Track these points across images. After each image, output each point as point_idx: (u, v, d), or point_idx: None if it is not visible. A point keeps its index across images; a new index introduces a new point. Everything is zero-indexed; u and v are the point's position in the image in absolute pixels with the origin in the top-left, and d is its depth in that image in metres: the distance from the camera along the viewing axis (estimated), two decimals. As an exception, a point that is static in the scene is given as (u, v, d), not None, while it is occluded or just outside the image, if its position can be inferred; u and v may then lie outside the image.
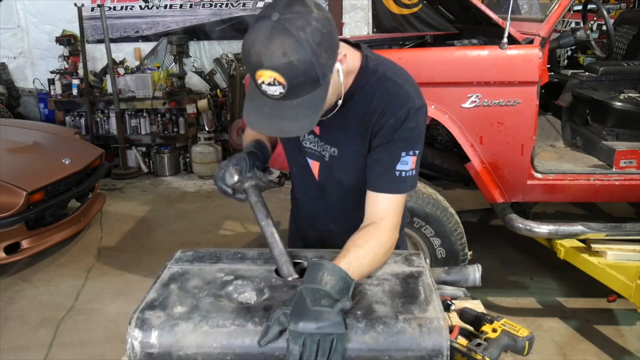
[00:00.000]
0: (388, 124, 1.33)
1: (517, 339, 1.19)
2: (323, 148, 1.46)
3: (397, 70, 1.40)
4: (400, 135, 1.33)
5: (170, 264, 1.34)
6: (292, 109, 1.19)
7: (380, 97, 1.34)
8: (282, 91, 1.15)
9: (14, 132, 4.53)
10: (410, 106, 1.33)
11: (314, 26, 1.13)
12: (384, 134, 1.34)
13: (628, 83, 3.52)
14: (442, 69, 2.83)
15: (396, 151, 1.34)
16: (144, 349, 1.08)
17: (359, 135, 1.39)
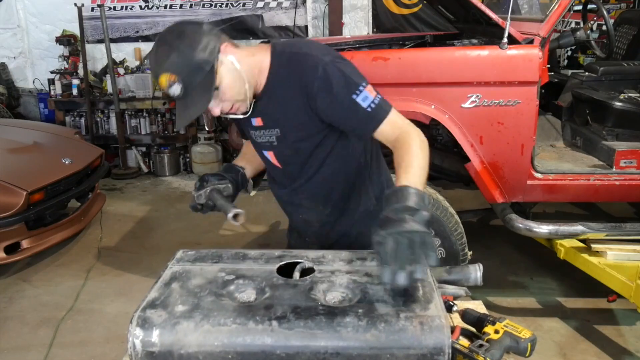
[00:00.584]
0: (317, 89, 1.44)
1: (520, 341, 1.19)
2: (269, 134, 1.59)
3: (300, 45, 1.54)
4: (335, 88, 1.43)
5: (172, 264, 1.35)
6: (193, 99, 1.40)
7: (295, 72, 1.47)
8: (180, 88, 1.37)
9: (14, 132, 4.52)
10: (323, 63, 1.43)
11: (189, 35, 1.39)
12: (323, 99, 1.45)
13: (628, 83, 3.52)
14: (442, 69, 2.83)
15: (350, 98, 1.43)
16: (146, 348, 1.08)
17: (290, 111, 1.52)
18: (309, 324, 1.09)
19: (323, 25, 6.23)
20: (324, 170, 1.63)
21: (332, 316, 1.10)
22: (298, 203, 1.73)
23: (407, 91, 2.83)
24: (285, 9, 6.34)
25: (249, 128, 1.64)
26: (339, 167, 1.63)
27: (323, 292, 1.21)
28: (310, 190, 1.67)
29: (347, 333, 1.07)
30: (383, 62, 2.83)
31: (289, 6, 6.32)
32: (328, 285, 1.23)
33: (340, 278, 1.25)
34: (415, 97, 2.83)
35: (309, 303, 1.15)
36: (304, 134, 1.56)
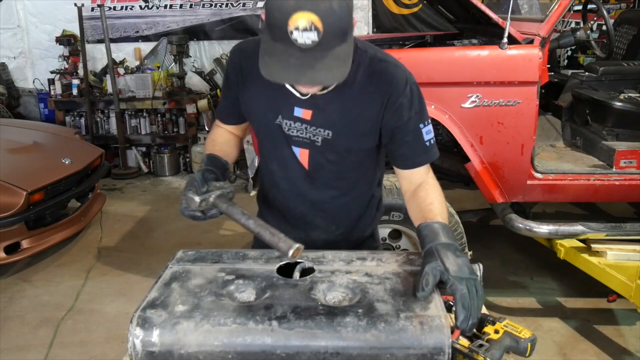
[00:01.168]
0: (399, 105, 1.38)
1: (520, 340, 1.19)
2: (314, 133, 1.43)
3: (383, 52, 1.45)
4: (413, 111, 1.40)
5: (172, 264, 1.35)
6: (323, 59, 1.15)
7: (380, 80, 1.38)
8: (315, 39, 1.12)
9: (14, 132, 4.52)
10: (411, 83, 1.40)
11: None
12: (399, 115, 1.39)
13: (628, 83, 3.52)
14: (442, 69, 2.83)
15: (417, 126, 1.42)
16: (146, 348, 1.08)
17: (360, 117, 1.41)
18: (309, 323, 1.09)
19: (323, 25, 6.22)
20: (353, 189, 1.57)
21: (332, 316, 1.10)
22: (310, 221, 1.58)
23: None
24: (285, 9, 6.33)
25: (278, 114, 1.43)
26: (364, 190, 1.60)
27: (323, 292, 1.21)
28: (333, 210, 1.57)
29: (347, 333, 1.07)
30: (383, 62, 2.82)
31: (289, 6, 6.31)
32: (328, 285, 1.23)
33: (340, 278, 1.26)
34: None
35: (309, 303, 1.15)
36: (358, 144, 1.46)
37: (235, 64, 1.50)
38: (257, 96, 1.47)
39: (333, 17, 1.12)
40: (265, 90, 1.42)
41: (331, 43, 1.15)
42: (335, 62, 1.17)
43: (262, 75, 1.20)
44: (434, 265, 1.15)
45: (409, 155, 1.45)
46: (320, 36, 1.12)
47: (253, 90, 1.46)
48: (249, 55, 1.43)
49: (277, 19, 1.13)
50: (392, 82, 1.37)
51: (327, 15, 1.11)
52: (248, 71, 1.44)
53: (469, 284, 1.12)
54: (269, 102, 1.44)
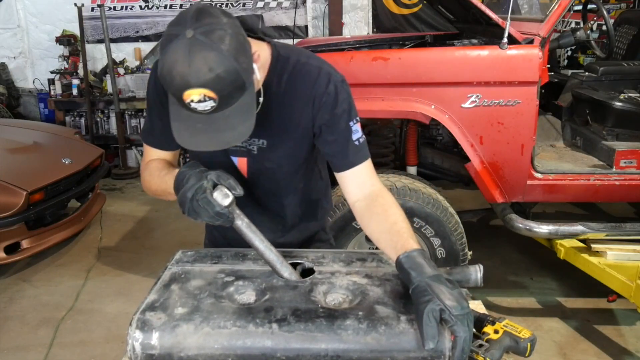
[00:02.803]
0: (323, 103, 1.38)
1: (519, 340, 1.19)
2: (249, 142, 1.43)
3: (308, 54, 1.44)
4: (339, 109, 1.39)
5: (171, 265, 1.34)
6: (226, 119, 1.18)
7: (304, 82, 1.38)
8: (213, 105, 1.14)
9: (14, 132, 4.52)
10: (335, 81, 1.39)
11: (230, 33, 1.12)
12: (324, 115, 1.39)
13: (628, 83, 3.52)
14: (442, 69, 2.83)
15: (344, 125, 1.40)
16: (145, 351, 1.08)
17: (290, 123, 1.41)
18: (309, 326, 1.08)
19: (323, 25, 6.23)
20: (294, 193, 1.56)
21: (332, 318, 1.10)
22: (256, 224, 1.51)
23: (407, 91, 2.83)
24: (285, 9, 6.33)
25: None
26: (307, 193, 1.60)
27: (323, 294, 1.20)
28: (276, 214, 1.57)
29: (347, 336, 1.07)
30: (383, 62, 2.83)
31: (289, 6, 6.31)
32: (328, 287, 1.23)
33: (340, 279, 1.25)
34: (415, 97, 2.83)
35: (309, 305, 1.15)
36: (294, 150, 1.46)
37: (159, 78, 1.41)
38: None
39: (223, 83, 1.12)
40: None
41: (230, 101, 1.17)
42: (240, 116, 1.20)
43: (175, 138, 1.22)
44: (433, 306, 1.05)
45: (340, 154, 1.42)
46: (217, 102, 1.14)
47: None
48: None
49: (173, 92, 1.15)
50: (315, 82, 1.38)
51: (216, 84, 1.11)
52: None
53: (468, 320, 1.05)
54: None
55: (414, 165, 3.44)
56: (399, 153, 3.63)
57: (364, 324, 1.09)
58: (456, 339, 1.04)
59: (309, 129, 1.43)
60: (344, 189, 1.45)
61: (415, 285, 1.10)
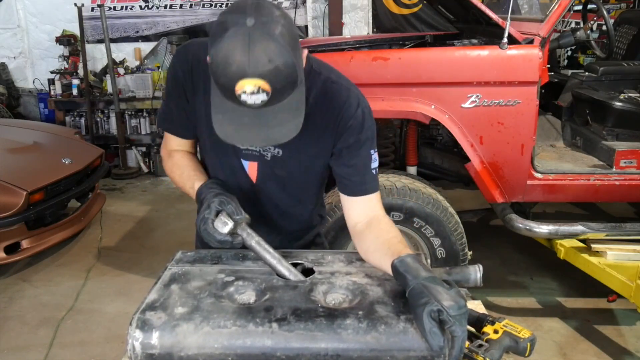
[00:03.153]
0: (349, 127, 1.36)
1: (519, 340, 1.19)
2: (264, 149, 1.42)
3: (337, 73, 1.42)
4: (364, 135, 1.38)
5: (171, 265, 1.34)
6: (275, 114, 1.15)
7: (332, 101, 1.36)
8: (264, 99, 1.10)
9: (14, 132, 4.53)
10: (363, 106, 1.38)
11: (287, 27, 1.11)
12: (348, 138, 1.38)
13: (628, 83, 3.52)
14: (442, 69, 2.83)
15: (366, 152, 1.40)
16: (145, 350, 1.08)
17: (311, 138, 1.38)
18: (309, 325, 1.09)
19: (323, 25, 6.23)
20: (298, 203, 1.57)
21: (332, 318, 1.10)
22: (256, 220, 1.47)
23: (407, 91, 2.83)
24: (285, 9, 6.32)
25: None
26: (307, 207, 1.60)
27: (323, 294, 1.20)
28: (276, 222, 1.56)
29: (347, 335, 1.07)
30: (383, 62, 2.83)
31: (289, 6, 6.31)
32: (328, 287, 1.23)
33: (340, 279, 1.25)
34: (415, 97, 2.83)
35: (309, 305, 1.15)
36: (307, 165, 1.45)
37: (186, 65, 1.40)
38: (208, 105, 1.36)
39: (280, 77, 1.09)
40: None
41: (282, 97, 1.13)
42: (289, 114, 1.17)
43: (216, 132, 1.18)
44: (431, 307, 1.04)
45: (357, 180, 1.42)
46: (270, 95, 1.10)
47: (204, 98, 1.38)
48: (198, 60, 1.36)
49: (223, 82, 1.11)
50: (344, 104, 1.36)
51: (273, 76, 1.08)
52: (199, 76, 1.38)
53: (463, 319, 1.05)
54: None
55: (414, 165, 3.44)
56: (399, 153, 3.63)
57: (363, 323, 1.09)
58: (454, 339, 1.04)
59: (328, 148, 1.41)
60: (349, 210, 1.45)
61: (412, 287, 1.10)
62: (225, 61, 1.08)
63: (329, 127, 1.37)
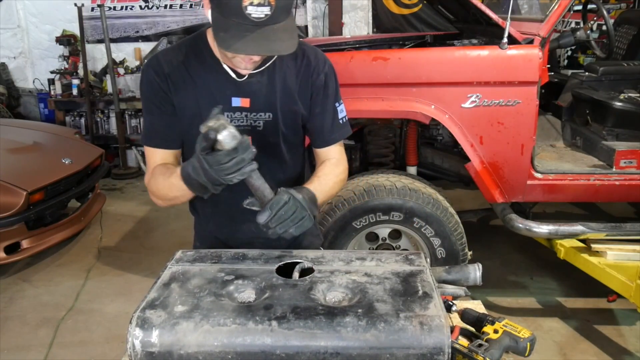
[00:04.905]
0: (319, 80, 1.52)
1: (519, 340, 1.19)
2: (255, 118, 1.50)
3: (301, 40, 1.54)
4: (331, 89, 1.54)
5: (171, 264, 1.35)
6: (274, 32, 1.26)
7: (303, 59, 1.51)
8: (267, 13, 1.22)
9: (14, 132, 4.52)
10: (329, 62, 1.55)
11: None
12: (318, 90, 1.53)
13: (628, 83, 3.52)
14: (442, 69, 2.83)
15: (333, 103, 1.56)
16: (145, 348, 1.08)
17: (295, 94, 1.52)
18: (309, 324, 1.09)
19: (323, 25, 6.22)
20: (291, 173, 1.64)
21: (331, 316, 1.10)
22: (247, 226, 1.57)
23: (407, 91, 2.83)
24: (285, 9, 6.33)
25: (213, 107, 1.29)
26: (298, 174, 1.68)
27: (323, 292, 1.21)
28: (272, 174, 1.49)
29: (347, 333, 1.07)
30: (383, 62, 2.83)
31: (289, 6, 6.30)
32: (327, 285, 1.23)
33: (339, 278, 1.26)
34: (415, 97, 2.83)
35: (309, 303, 1.15)
36: (295, 123, 1.56)
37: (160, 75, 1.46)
38: (190, 98, 1.47)
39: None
40: (198, 90, 1.47)
41: (280, 17, 1.25)
42: (285, 34, 1.28)
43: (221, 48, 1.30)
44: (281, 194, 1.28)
45: (324, 130, 1.56)
46: (272, 10, 1.22)
47: (185, 93, 1.47)
48: (170, 63, 1.47)
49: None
50: (316, 61, 1.52)
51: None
52: (176, 77, 1.47)
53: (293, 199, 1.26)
54: (204, 100, 1.46)
55: (414, 165, 3.44)
56: (399, 153, 3.63)
57: (363, 321, 1.09)
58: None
59: (306, 104, 1.54)
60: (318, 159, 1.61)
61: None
62: None
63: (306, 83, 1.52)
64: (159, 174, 1.47)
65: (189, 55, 1.48)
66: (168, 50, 1.52)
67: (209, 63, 1.47)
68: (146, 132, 1.54)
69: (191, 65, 1.47)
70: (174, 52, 1.49)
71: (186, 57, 1.47)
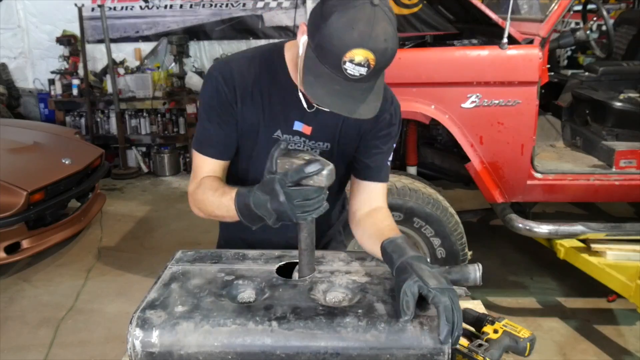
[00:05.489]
0: (383, 119, 1.44)
1: (519, 340, 1.19)
2: (313, 146, 1.46)
3: None
4: (393, 130, 1.48)
5: (171, 264, 1.35)
6: (363, 92, 1.21)
7: None
8: (363, 73, 1.16)
9: (14, 132, 4.52)
10: (396, 103, 1.48)
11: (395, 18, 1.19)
12: (380, 129, 1.46)
13: (628, 83, 3.52)
14: (442, 69, 2.83)
15: (391, 145, 1.50)
16: (145, 348, 1.08)
17: (353, 129, 1.45)
18: (309, 324, 1.09)
19: (323, 25, 6.21)
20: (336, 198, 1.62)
21: (332, 316, 1.10)
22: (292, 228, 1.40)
23: (407, 91, 2.83)
24: (285, 9, 6.33)
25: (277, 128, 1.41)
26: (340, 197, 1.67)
27: (323, 293, 1.21)
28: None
29: (347, 333, 1.07)
30: (383, 62, 2.82)
31: (289, 6, 6.31)
32: (328, 286, 1.23)
33: (340, 278, 1.26)
34: (415, 97, 2.83)
35: (309, 303, 1.15)
36: (349, 158, 1.49)
37: (229, 85, 1.40)
38: (255, 111, 1.42)
39: (384, 58, 1.16)
40: (264, 107, 1.42)
41: (374, 77, 1.20)
42: (373, 95, 1.23)
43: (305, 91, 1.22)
44: (412, 281, 1.08)
45: (374, 167, 1.49)
46: (368, 72, 1.16)
47: (250, 108, 1.42)
48: (241, 72, 1.40)
49: (333, 46, 1.14)
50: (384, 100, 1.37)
51: (381, 55, 1.15)
52: (245, 90, 1.40)
53: (450, 294, 1.07)
54: (268, 116, 1.42)
55: (414, 165, 3.44)
56: (399, 153, 3.63)
57: (363, 322, 1.09)
58: (438, 310, 1.05)
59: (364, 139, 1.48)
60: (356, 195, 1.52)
61: (397, 266, 1.15)
62: (348, 27, 1.13)
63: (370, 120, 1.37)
64: (208, 188, 1.41)
65: (262, 70, 1.41)
66: (240, 59, 1.43)
67: (281, 82, 1.40)
68: (201, 138, 1.46)
69: (262, 81, 1.40)
70: (247, 63, 1.41)
71: (259, 70, 1.41)
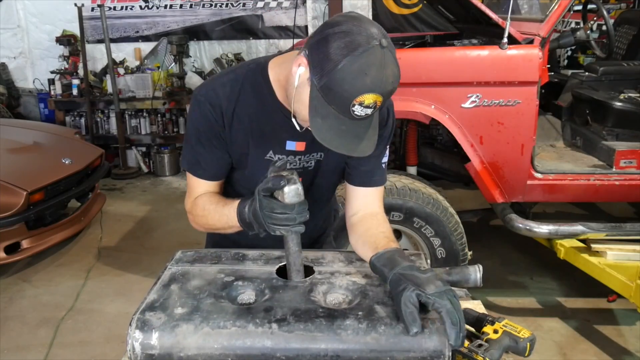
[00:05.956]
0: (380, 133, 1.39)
1: (519, 340, 1.19)
2: (307, 160, 1.45)
3: None
4: (386, 132, 1.44)
5: (171, 265, 1.34)
6: (365, 128, 1.21)
7: None
8: (369, 114, 1.17)
9: (14, 132, 4.52)
10: (389, 104, 1.43)
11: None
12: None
13: (628, 83, 3.52)
14: (442, 69, 2.83)
15: (384, 147, 1.47)
16: (145, 350, 1.08)
17: None
18: (309, 326, 1.09)
19: (323, 25, 6.21)
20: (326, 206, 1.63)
21: (332, 318, 1.10)
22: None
23: (407, 91, 2.83)
24: (285, 9, 6.33)
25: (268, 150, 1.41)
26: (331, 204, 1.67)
27: (323, 294, 1.21)
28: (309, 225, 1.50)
29: (347, 336, 1.07)
30: (383, 62, 2.82)
31: (289, 6, 6.31)
32: (328, 287, 1.23)
33: (340, 279, 1.25)
34: (415, 97, 2.83)
35: (309, 305, 1.15)
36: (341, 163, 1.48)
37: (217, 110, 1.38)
38: (244, 134, 1.40)
39: (389, 96, 1.18)
40: (253, 129, 1.40)
41: (376, 115, 1.23)
42: (373, 130, 1.24)
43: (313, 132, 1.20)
44: (409, 291, 1.08)
45: (366, 171, 1.46)
46: (374, 111, 1.17)
47: (237, 130, 1.40)
48: (227, 97, 1.38)
49: (345, 91, 1.13)
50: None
51: (387, 96, 1.17)
52: (232, 113, 1.38)
53: (449, 296, 1.07)
54: (259, 139, 1.41)
55: (414, 165, 3.44)
56: (399, 153, 3.63)
57: (363, 324, 1.09)
58: (441, 315, 1.06)
59: None
60: (351, 200, 1.49)
61: (390, 279, 1.14)
62: (361, 72, 1.11)
63: None
64: (208, 202, 1.43)
65: (246, 91, 1.38)
66: (225, 81, 1.40)
67: (268, 103, 1.38)
68: (192, 160, 1.46)
69: (248, 102, 1.38)
70: (232, 85, 1.38)
71: (243, 92, 1.38)
